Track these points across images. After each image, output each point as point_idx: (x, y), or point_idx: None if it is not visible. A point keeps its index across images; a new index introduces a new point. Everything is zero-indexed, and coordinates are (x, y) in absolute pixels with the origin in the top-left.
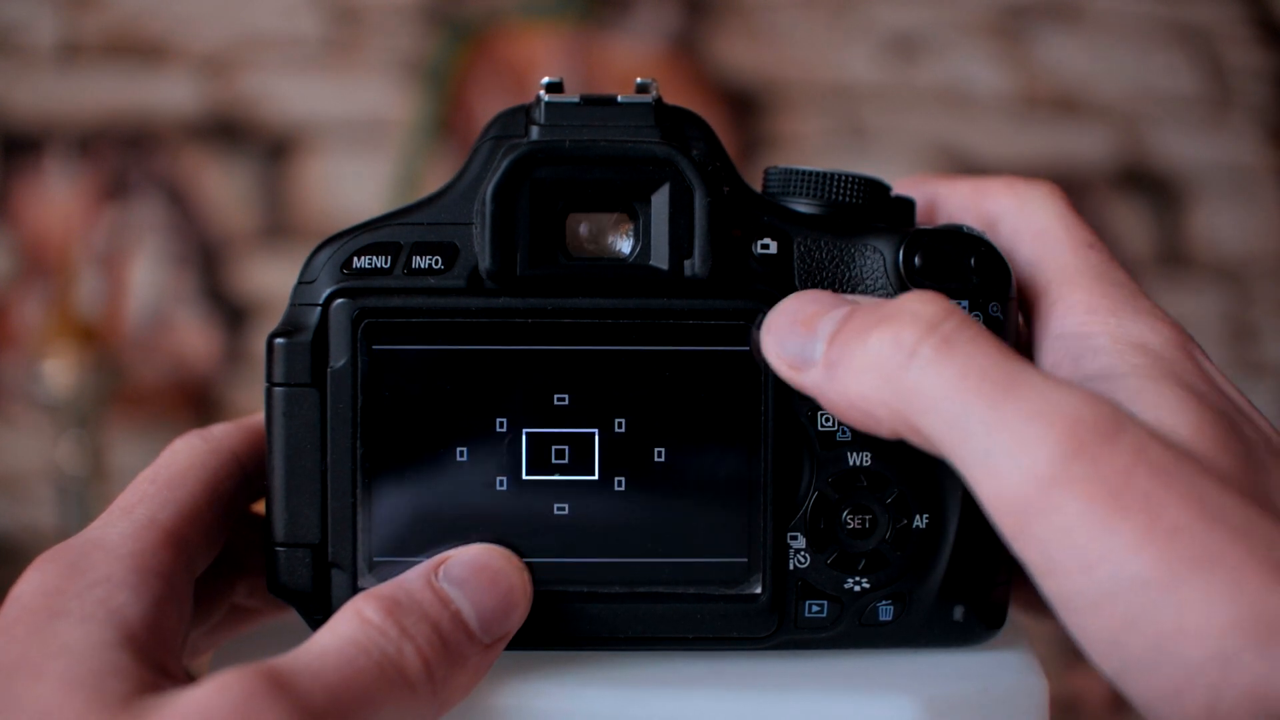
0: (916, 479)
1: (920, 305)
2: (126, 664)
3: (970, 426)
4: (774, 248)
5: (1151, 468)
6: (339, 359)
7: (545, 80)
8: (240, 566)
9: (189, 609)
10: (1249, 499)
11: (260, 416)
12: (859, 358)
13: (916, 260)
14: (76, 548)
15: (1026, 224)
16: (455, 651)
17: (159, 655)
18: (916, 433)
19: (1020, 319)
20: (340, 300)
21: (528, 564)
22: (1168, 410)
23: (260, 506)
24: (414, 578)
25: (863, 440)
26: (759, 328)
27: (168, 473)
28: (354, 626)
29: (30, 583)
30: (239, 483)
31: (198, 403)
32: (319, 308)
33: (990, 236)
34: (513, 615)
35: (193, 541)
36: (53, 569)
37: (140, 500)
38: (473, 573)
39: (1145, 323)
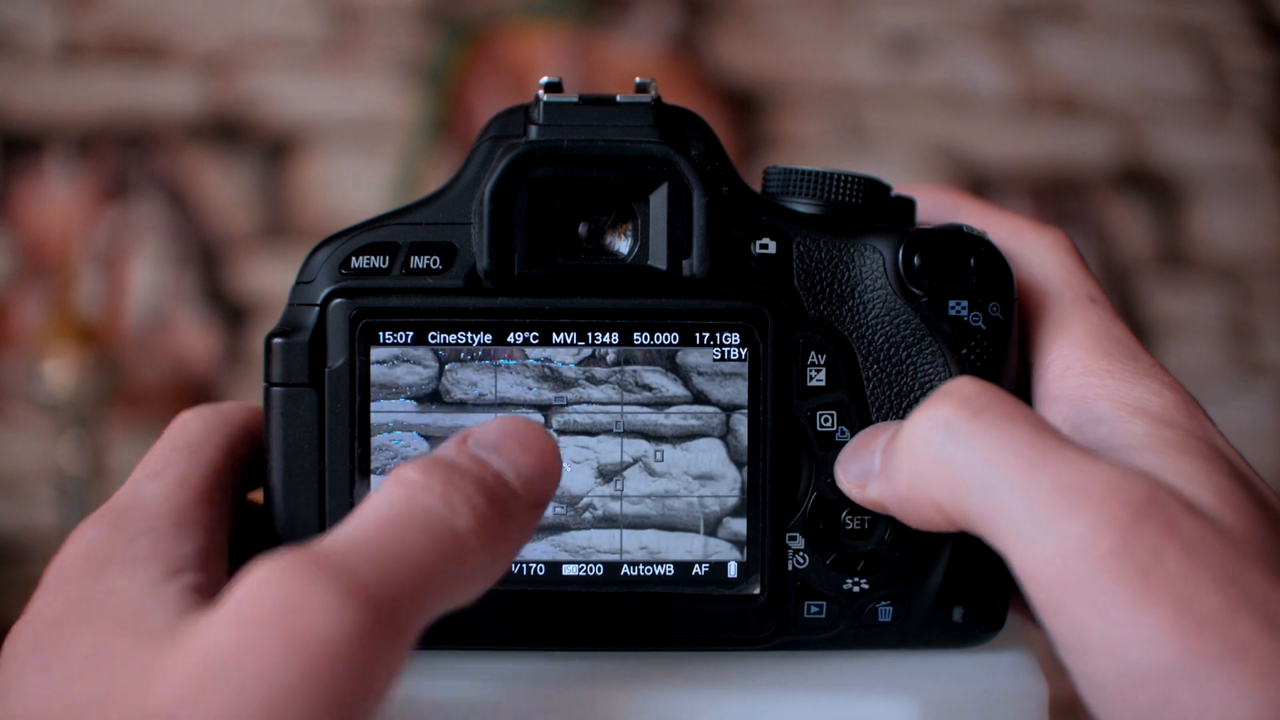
0: None
1: (956, 384)
2: (171, 595)
3: (1005, 499)
4: (773, 247)
5: (1183, 546)
6: (337, 359)
7: (544, 80)
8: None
9: (227, 566)
10: (1275, 575)
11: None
12: (905, 448)
13: (916, 260)
14: (115, 509)
15: (1027, 273)
16: (503, 507)
17: (207, 589)
18: (962, 513)
19: (1022, 323)
20: (338, 300)
21: (525, 563)
22: (1184, 480)
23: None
24: (445, 448)
25: None
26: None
27: (186, 439)
28: (394, 491)
29: (73, 545)
30: (251, 454)
31: (197, 403)
32: (317, 308)
33: None
34: (551, 474)
35: (222, 503)
36: (94, 530)
37: (167, 465)
38: (503, 437)
39: (1146, 384)
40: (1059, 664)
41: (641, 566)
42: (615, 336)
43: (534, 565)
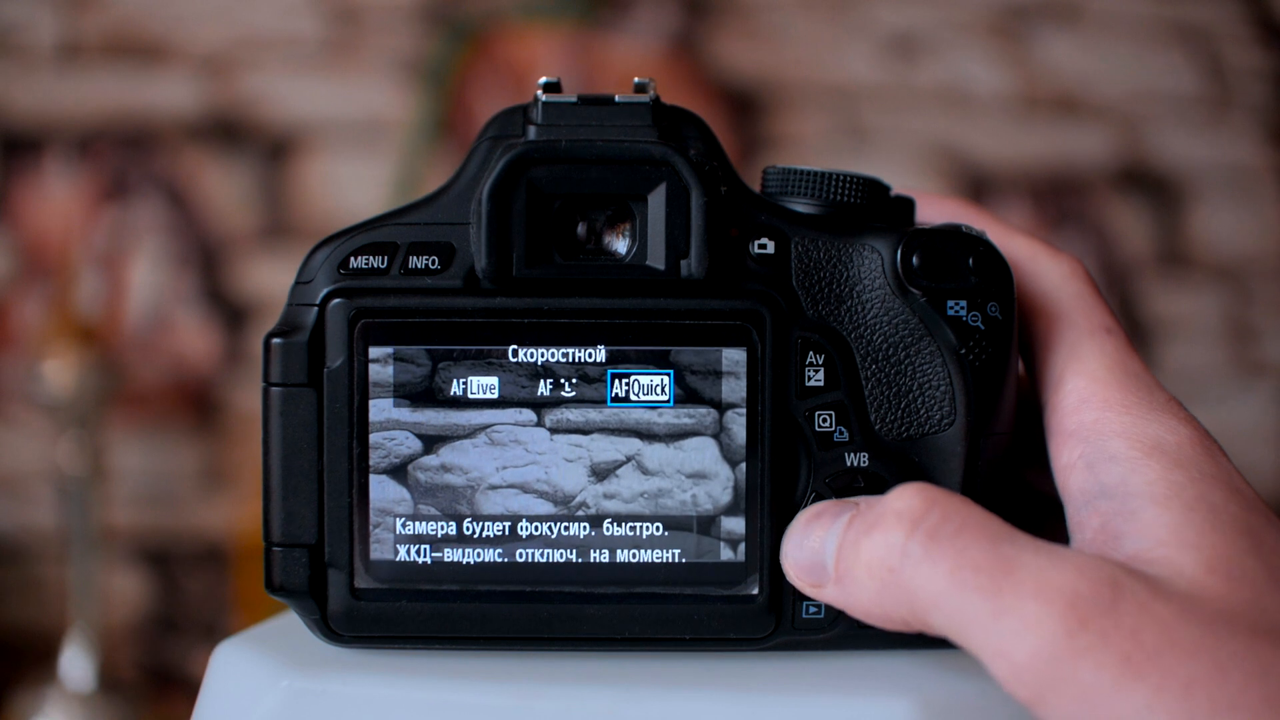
0: (913, 479)
1: (903, 503)
2: None
3: (973, 617)
4: (771, 247)
5: (1157, 625)
6: (335, 359)
7: (543, 80)
8: None
9: None
10: (1263, 637)
11: None
12: (859, 569)
13: (914, 260)
14: None
15: (1041, 298)
16: None
17: None
18: (928, 626)
19: (1023, 322)
20: (337, 300)
21: (521, 563)
22: (1178, 545)
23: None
24: None
25: (861, 440)
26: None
27: None
28: None
29: None
30: None
31: (198, 403)
32: (316, 308)
33: None
34: None
35: None
36: None
37: None
38: None
39: (1162, 421)
40: None
41: (636, 565)
42: (612, 336)
43: (533, 567)
